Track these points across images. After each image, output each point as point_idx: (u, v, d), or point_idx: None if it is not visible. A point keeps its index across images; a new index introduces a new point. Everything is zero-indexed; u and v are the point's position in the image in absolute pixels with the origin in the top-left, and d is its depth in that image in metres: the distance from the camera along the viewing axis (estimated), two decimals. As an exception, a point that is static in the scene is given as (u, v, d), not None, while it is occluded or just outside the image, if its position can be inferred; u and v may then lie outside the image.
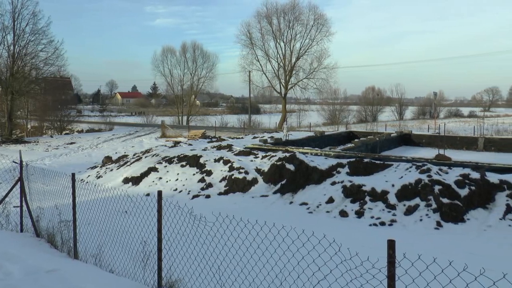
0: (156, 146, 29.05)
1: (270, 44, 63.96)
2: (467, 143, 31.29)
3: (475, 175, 13.91)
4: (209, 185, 17.12)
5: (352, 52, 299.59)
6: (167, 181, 18.27)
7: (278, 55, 63.62)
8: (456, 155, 23.96)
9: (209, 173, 17.98)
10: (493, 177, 13.82)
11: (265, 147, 21.18)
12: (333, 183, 15.17)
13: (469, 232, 11.62)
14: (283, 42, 62.95)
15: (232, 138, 28.20)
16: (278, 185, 16.03)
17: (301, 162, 16.58)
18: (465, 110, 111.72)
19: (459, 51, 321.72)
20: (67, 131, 55.15)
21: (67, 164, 27.46)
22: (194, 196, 16.46)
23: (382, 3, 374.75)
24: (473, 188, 13.36)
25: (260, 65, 64.30)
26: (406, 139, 33.17)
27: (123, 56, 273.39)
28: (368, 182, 14.49)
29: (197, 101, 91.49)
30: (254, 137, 28.26)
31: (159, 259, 6.24)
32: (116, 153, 31.77)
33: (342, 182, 14.96)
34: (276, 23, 62.58)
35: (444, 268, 4.51)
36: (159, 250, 6.24)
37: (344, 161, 16.48)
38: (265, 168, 17.07)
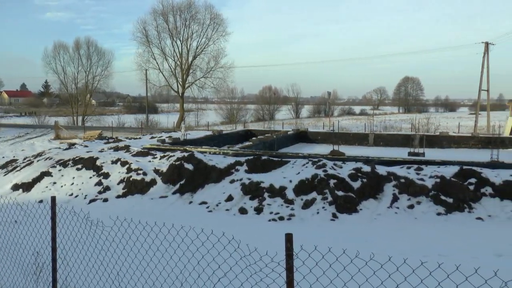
0: (49, 148, 27.51)
1: (167, 42, 63.28)
2: (359, 139, 33.06)
3: (367, 168, 14.75)
4: (107, 188, 16.57)
5: (249, 52, 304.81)
6: (62, 186, 17.41)
7: (175, 54, 63.09)
8: (349, 150, 25.19)
9: (106, 175, 17.39)
10: (382, 170, 14.77)
11: (163, 147, 20.89)
12: (232, 181, 15.33)
13: (362, 221, 12.33)
14: (180, 40, 62.51)
15: (130, 139, 27.45)
16: (177, 185, 15.89)
17: (200, 161, 16.57)
18: (357, 109, 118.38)
19: (351, 53, 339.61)
20: None
21: None
22: (91, 201, 15.85)
23: (278, 5, 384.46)
24: (365, 180, 14.16)
25: (157, 63, 63.35)
26: (303, 137, 34.27)
27: (9, 51, 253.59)
28: (267, 179, 14.81)
29: (93, 101, 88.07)
30: (152, 137, 27.75)
31: (54, 270, 5.93)
32: (3, 157, 29.73)
33: (241, 180, 15.16)
34: (172, 21, 61.95)
35: (339, 256, 4.74)
36: (54, 260, 5.93)
37: (243, 159, 16.70)
38: (164, 168, 16.84)
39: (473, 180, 13.86)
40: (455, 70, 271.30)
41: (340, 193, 13.57)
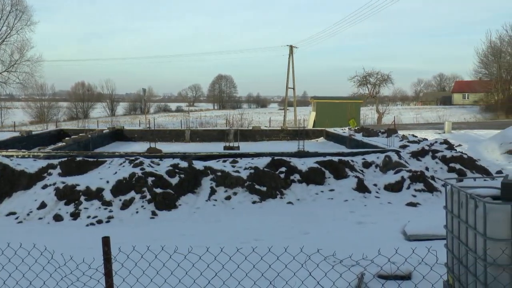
0: None
1: (-41, 29, 55.84)
2: (176, 135, 33.40)
3: (184, 164, 14.97)
4: None
5: (61, 45, 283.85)
6: None
7: (-30, 43, 56.04)
8: (166, 147, 25.31)
9: None
10: (199, 165, 15.15)
11: (-40, 155, 18.62)
12: (45, 186, 14.31)
13: (181, 216, 12.53)
14: (-24, 28, 55.79)
15: None
16: (-20, 196, 14.31)
17: (6, 166, 15.11)
18: (173, 106, 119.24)
19: (166, 50, 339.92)
20: None
21: None
22: None
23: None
24: (182, 176, 14.37)
25: None
26: (119, 135, 33.44)
27: None
28: (82, 181, 14.14)
29: None
30: None
31: None
32: None
33: (54, 184, 14.23)
34: (-36, 5, 54.87)
35: (157, 254, 4.79)
36: None
37: (56, 161, 15.69)
38: (-38, 178, 15.01)
39: (283, 169, 15.06)
40: (265, 70, 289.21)
41: (158, 190, 13.58)
